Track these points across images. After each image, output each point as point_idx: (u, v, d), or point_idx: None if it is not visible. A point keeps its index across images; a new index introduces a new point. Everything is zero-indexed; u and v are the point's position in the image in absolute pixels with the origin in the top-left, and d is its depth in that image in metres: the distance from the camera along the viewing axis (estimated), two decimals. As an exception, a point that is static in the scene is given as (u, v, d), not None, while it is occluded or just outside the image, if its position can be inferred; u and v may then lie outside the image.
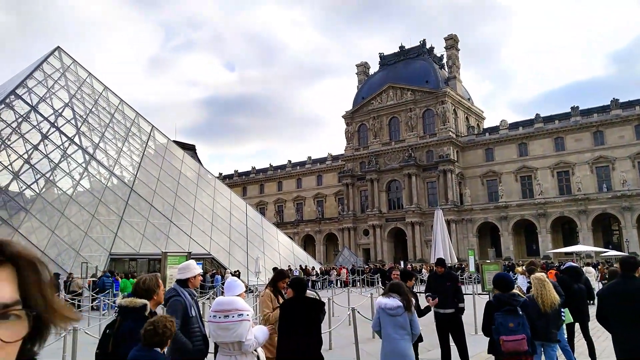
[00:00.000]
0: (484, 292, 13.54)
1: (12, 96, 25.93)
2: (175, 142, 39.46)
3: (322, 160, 73.82)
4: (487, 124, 70.72)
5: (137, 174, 29.38)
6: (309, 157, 75.06)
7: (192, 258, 17.95)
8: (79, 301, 15.27)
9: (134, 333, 3.27)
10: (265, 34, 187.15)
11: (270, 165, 78.54)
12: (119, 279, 18.02)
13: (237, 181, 79.94)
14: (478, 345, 7.85)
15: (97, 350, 3.58)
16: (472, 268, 24.21)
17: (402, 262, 47.42)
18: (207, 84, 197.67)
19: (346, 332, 10.08)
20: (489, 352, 5.25)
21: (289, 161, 76.74)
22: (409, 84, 64.46)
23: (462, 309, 7.88)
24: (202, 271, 4.65)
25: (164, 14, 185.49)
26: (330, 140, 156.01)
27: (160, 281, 3.80)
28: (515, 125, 60.02)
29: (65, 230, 23.96)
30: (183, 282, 4.55)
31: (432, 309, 7.27)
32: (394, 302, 4.99)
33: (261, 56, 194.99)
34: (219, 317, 4.04)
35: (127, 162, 30.84)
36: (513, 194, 56.89)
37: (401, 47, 71.79)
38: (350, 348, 8.50)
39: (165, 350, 3.32)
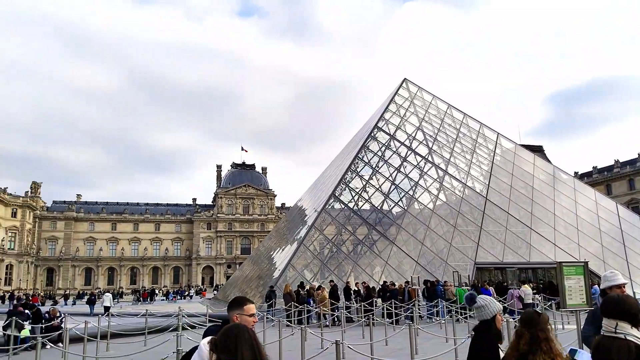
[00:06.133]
0: None
1: (375, 129, 30.48)
2: (521, 146, 37.82)
3: None
4: None
5: (489, 183, 29.43)
6: (698, 138, 58.55)
7: (564, 266, 16.30)
8: (456, 309, 15.54)
9: None
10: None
11: (640, 155, 65.27)
12: (488, 288, 18.07)
13: (598, 178, 69.76)
14: None
15: None
16: None
17: None
18: (548, 77, 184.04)
19: None
20: None
21: (667, 146, 61.84)
22: None
23: None
24: (626, 282, 4.07)
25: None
26: None
27: None
28: None
29: (429, 241, 26.07)
30: (604, 291, 4.28)
31: None
32: None
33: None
34: None
35: (477, 172, 31.37)
36: None
37: None
38: None
39: None
